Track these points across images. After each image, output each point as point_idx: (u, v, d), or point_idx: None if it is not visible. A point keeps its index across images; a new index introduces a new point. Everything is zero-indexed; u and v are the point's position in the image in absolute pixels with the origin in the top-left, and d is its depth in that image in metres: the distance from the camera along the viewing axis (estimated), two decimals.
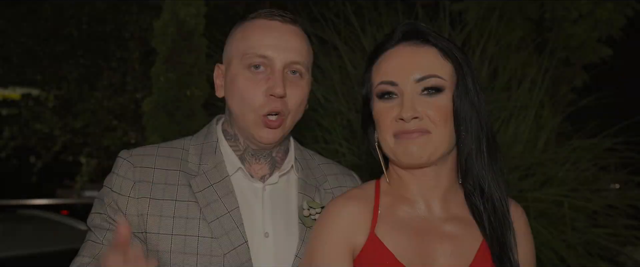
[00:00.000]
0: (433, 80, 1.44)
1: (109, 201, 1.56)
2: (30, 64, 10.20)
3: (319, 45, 3.71)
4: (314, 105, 3.52)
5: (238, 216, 1.55)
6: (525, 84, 3.51)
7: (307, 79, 1.65)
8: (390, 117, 1.47)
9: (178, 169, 1.60)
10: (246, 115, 1.58)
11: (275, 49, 1.57)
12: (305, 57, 1.62)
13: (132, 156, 1.61)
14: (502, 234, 1.49)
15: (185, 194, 1.56)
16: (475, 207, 1.52)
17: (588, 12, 4.71)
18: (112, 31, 9.76)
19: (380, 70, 1.51)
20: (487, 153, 1.50)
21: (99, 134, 10.39)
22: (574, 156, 3.38)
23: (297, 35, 1.63)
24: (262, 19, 1.63)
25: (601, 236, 3.17)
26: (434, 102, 1.43)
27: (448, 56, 1.48)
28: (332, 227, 1.47)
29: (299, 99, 1.61)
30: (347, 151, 3.27)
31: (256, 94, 1.56)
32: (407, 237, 1.46)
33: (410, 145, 1.44)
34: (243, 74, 1.58)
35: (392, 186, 1.56)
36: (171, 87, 3.55)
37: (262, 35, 1.59)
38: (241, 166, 1.63)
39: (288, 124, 1.62)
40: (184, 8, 3.58)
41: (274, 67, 1.57)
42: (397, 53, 1.50)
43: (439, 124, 1.43)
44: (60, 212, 6.46)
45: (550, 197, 3.12)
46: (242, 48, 1.60)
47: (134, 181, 1.55)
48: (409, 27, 1.53)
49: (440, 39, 1.50)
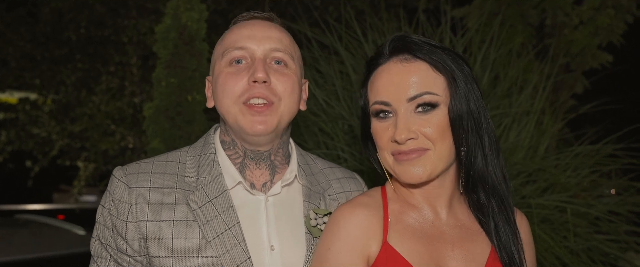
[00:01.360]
0: (426, 97, 1.42)
1: (109, 224, 1.53)
2: (28, 68, 10.20)
3: (320, 51, 3.71)
4: (316, 111, 3.51)
5: (239, 231, 1.50)
6: (527, 91, 3.51)
7: (294, 69, 1.60)
8: (386, 138, 1.45)
9: (175, 187, 1.54)
10: (230, 108, 1.53)
11: (253, 40, 1.55)
12: (287, 46, 1.59)
13: (126, 175, 1.55)
14: (510, 241, 1.48)
15: (184, 213, 1.51)
16: (482, 215, 1.52)
17: (589, 18, 4.74)
18: (110, 36, 9.77)
19: (374, 88, 1.49)
20: (490, 158, 1.49)
21: (96, 138, 10.38)
22: (575, 162, 3.37)
23: (276, 28, 1.62)
24: (240, 21, 1.64)
25: (603, 242, 3.16)
26: (429, 119, 1.41)
27: (440, 70, 1.44)
28: (344, 236, 1.43)
29: (289, 86, 1.56)
30: (349, 156, 3.26)
31: (237, 84, 1.52)
32: (419, 244, 1.44)
33: (409, 166, 1.42)
34: (224, 71, 1.56)
35: (398, 192, 1.55)
36: (172, 92, 3.54)
37: (239, 30, 1.59)
38: (241, 179, 1.57)
39: (280, 113, 1.55)
40: (186, 13, 3.57)
41: (255, 56, 1.54)
42: (387, 70, 1.47)
43: (436, 141, 1.41)
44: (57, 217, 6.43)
45: (552, 203, 3.12)
46: (222, 48, 1.59)
47: (130, 204, 1.51)
48: (398, 42, 1.49)
49: (432, 50, 1.46)
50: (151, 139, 3.55)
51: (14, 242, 4.15)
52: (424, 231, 1.47)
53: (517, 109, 3.41)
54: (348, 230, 1.44)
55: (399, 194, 1.54)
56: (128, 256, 1.52)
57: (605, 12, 4.68)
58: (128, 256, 1.52)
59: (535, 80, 3.62)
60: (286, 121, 1.59)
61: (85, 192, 12.13)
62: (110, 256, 1.53)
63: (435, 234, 1.48)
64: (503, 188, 1.51)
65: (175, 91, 3.55)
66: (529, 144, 3.38)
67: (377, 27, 3.79)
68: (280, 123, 1.56)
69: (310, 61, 3.74)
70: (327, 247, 1.45)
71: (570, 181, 3.26)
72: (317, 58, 3.70)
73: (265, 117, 1.52)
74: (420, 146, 1.41)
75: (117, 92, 10.29)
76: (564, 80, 4.72)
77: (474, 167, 1.47)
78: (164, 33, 3.60)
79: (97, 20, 9.54)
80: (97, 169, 11.28)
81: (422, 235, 1.46)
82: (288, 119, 1.59)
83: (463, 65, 1.48)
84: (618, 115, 4.02)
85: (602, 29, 4.74)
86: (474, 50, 3.61)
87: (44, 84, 10.42)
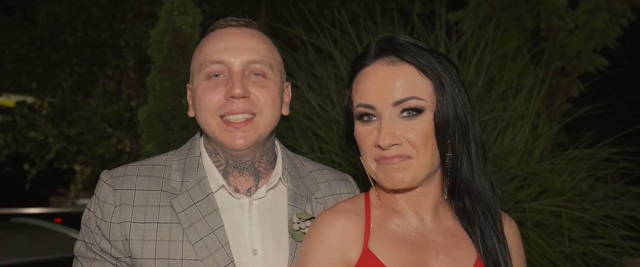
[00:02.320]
0: (412, 102, 1.38)
1: (93, 227, 1.53)
2: (25, 72, 10.19)
3: (314, 54, 3.70)
4: (310, 115, 3.51)
5: (223, 234, 1.50)
6: (522, 94, 3.51)
7: (274, 79, 1.57)
8: (370, 142, 1.42)
9: (160, 189, 1.54)
10: (209, 122, 1.53)
11: (230, 52, 1.52)
12: (266, 56, 1.56)
13: (112, 177, 1.56)
14: (496, 250, 1.46)
15: (168, 216, 1.51)
16: (468, 223, 1.50)
17: (584, 22, 4.74)
18: (107, 39, 9.77)
19: (358, 90, 1.46)
20: (476, 165, 1.46)
21: (93, 141, 10.36)
22: (571, 167, 3.37)
23: (254, 36, 1.58)
24: (217, 29, 1.60)
25: (598, 247, 3.15)
26: (414, 125, 1.38)
27: (427, 74, 1.40)
28: (324, 243, 1.42)
29: (269, 98, 1.54)
30: (343, 160, 3.25)
31: (214, 99, 1.51)
32: (401, 250, 1.42)
33: (391, 172, 1.40)
34: (202, 84, 1.54)
35: (382, 199, 1.52)
36: (166, 95, 3.53)
37: (216, 43, 1.55)
38: (224, 183, 1.57)
39: (261, 126, 1.54)
40: (180, 17, 3.57)
41: (232, 70, 1.52)
42: (373, 72, 1.43)
43: (420, 148, 1.38)
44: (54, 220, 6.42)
45: (547, 207, 3.11)
46: (199, 60, 1.57)
47: (114, 205, 1.51)
48: (384, 43, 1.45)
49: (419, 53, 1.42)
50: (145, 142, 3.55)
51: (11, 245, 4.13)
52: (407, 238, 1.45)
53: (512, 113, 3.40)
54: (328, 237, 1.42)
55: (382, 200, 1.52)
56: (113, 258, 1.52)
57: (600, 15, 4.68)
58: (113, 257, 1.52)
59: (530, 84, 3.62)
60: (267, 132, 1.58)
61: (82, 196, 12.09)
62: (94, 256, 1.53)
63: (420, 241, 1.45)
64: (490, 196, 1.49)
65: (169, 95, 3.54)
66: (523, 148, 3.37)
67: (372, 31, 3.79)
68: (260, 136, 1.55)
69: (305, 65, 3.74)
70: (306, 253, 1.44)
71: (566, 185, 3.25)
72: (312, 62, 3.69)
73: (245, 133, 1.51)
74: (403, 153, 1.38)
75: (113, 96, 10.28)
76: (559, 84, 4.71)
77: (460, 175, 1.45)
78: (158, 37, 3.60)
79: (94, 23, 9.54)
80: (94, 173, 11.26)
81: (405, 241, 1.44)
82: (269, 130, 1.58)
83: (451, 69, 1.45)
84: (614, 119, 4.01)
85: (597, 33, 4.74)
86: (469, 54, 3.61)
87: (40, 88, 10.41)
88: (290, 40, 4.26)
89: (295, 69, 3.59)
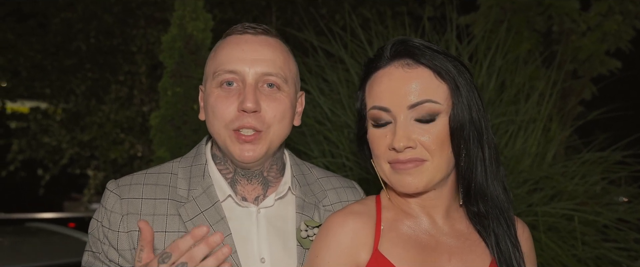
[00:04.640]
0: (427, 106, 1.36)
1: (101, 236, 1.52)
2: (39, 78, 10.28)
3: (325, 59, 3.71)
4: (321, 119, 3.51)
5: (230, 243, 1.49)
6: (533, 97, 3.49)
7: (287, 92, 1.55)
8: (384, 145, 1.40)
9: (167, 198, 1.53)
10: (220, 133, 1.51)
11: (244, 63, 1.50)
12: (281, 68, 1.53)
13: (119, 186, 1.55)
14: (510, 254, 1.45)
15: (175, 225, 1.50)
16: (482, 227, 1.48)
17: (596, 24, 4.70)
18: (119, 45, 9.83)
19: (372, 92, 1.44)
20: (490, 169, 1.44)
21: (106, 147, 10.41)
22: (583, 170, 3.34)
23: (270, 46, 1.55)
24: (234, 35, 1.57)
25: (612, 251, 3.13)
26: (429, 129, 1.36)
27: (443, 77, 1.39)
28: (334, 244, 1.41)
29: (279, 112, 1.52)
30: (354, 164, 3.25)
31: (227, 110, 1.49)
32: (412, 252, 1.41)
33: (405, 176, 1.38)
34: (215, 92, 1.52)
35: (394, 201, 1.51)
36: (178, 101, 3.56)
37: (231, 50, 1.52)
38: (231, 192, 1.56)
39: (270, 140, 1.52)
40: (191, 22, 3.60)
41: (246, 81, 1.49)
42: (388, 75, 1.41)
43: (434, 152, 1.37)
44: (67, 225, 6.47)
45: (559, 211, 3.09)
46: (213, 67, 1.54)
47: (121, 215, 1.50)
48: (400, 45, 1.43)
49: (434, 56, 1.40)
50: (157, 148, 3.57)
51: (26, 250, 4.17)
52: (419, 240, 1.44)
53: (523, 116, 3.39)
54: (338, 239, 1.41)
55: (394, 203, 1.51)
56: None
57: (613, 18, 4.64)
58: (121, 266, 1.51)
59: (542, 87, 3.60)
60: (276, 145, 1.57)
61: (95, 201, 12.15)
62: (102, 266, 1.52)
63: (432, 243, 1.44)
64: (503, 200, 1.47)
65: (181, 100, 3.57)
66: (536, 152, 3.35)
67: (383, 35, 3.80)
68: (269, 149, 1.54)
69: (316, 69, 3.75)
70: (316, 254, 1.43)
71: (578, 188, 3.23)
72: (322, 66, 3.70)
73: (254, 146, 1.50)
74: (417, 157, 1.37)
75: (126, 101, 10.34)
76: (571, 87, 4.69)
77: (475, 179, 1.43)
78: (170, 43, 3.63)
79: (106, 30, 9.60)
80: (106, 178, 11.32)
81: (417, 243, 1.43)
82: (278, 143, 1.57)
83: (465, 72, 1.43)
84: (627, 122, 3.99)
85: (609, 35, 4.70)
86: (480, 57, 3.60)
87: (54, 94, 10.50)
88: (301, 44, 4.27)
89: (306, 74, 3.60)
